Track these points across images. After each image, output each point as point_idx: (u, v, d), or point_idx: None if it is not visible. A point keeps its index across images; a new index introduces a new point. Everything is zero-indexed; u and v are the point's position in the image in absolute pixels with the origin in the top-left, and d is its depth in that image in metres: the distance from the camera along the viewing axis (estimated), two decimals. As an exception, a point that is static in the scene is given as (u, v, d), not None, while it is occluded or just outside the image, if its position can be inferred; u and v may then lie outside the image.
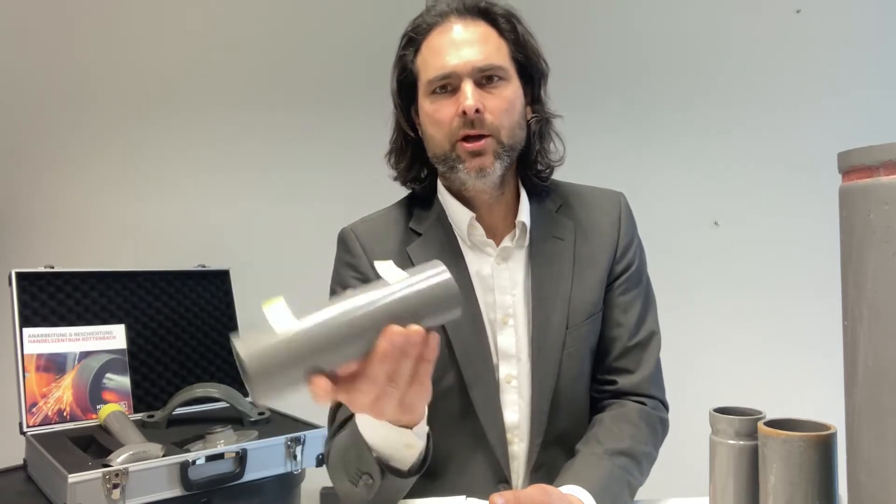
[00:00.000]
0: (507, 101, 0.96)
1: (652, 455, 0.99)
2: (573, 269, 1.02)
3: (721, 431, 0.71)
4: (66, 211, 2.01)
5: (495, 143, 0.95)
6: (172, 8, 2.06)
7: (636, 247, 1.08)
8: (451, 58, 0.94)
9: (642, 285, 1.07)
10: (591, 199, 1.09)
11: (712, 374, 1.97)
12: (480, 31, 0.97)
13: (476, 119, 0.93)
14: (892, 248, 0.49)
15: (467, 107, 0.92)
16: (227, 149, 2.10)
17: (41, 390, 1.48)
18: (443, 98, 0.96)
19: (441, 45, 0.96)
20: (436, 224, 1.03)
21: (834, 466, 0.63)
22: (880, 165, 0.51)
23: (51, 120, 2.01)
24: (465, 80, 0.94)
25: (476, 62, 0.94)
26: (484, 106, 0.93)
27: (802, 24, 2.13)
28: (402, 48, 1.02)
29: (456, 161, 0.96)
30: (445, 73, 0.94)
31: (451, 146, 0.96)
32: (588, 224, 1.05)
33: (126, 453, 1.25)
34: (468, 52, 0.94)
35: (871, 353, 0.51)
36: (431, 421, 0.99)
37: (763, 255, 2.13)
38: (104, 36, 2.02)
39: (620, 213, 1.07)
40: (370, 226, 1.07)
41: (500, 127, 0.95)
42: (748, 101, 2.15)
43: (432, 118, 0.97)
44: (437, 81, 0.95)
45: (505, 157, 0.97)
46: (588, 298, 1.02)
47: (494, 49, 0.96)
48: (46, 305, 1.55)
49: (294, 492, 1.51)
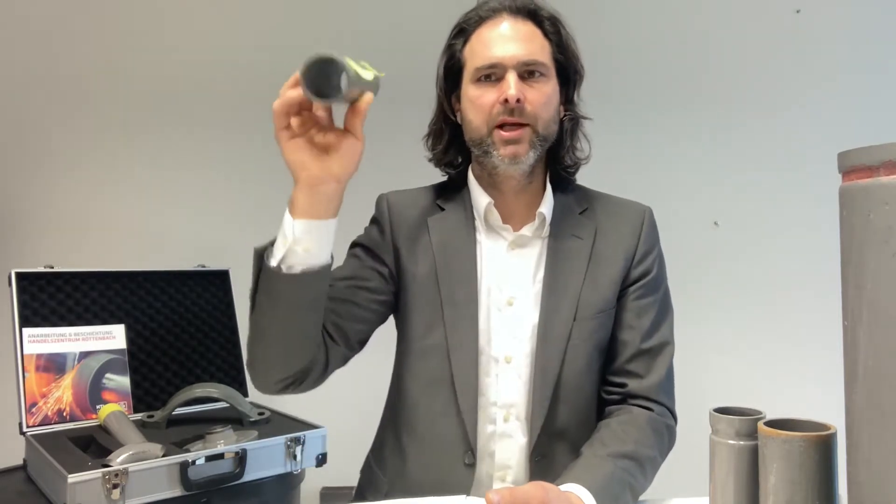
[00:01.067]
0: (545, 95, 1.02)
1: (656, 460, 1.00)
2: (587, 265, 1.06)
3: (721, 431, 0.71)
4: (66, 211, 2.01)
5: (531, 133, 1.02)
6: (172, 8, 2.06)
7: (656, 256, 1.11)
8: (498, 49, 1.01)
9: (659, 294, 1.10)
10: (617, 207, 1.14)
11: (712, 374, 1.97)
12: (527, 30, 1.04)
13: (517, 108, 0.99)
14: (892, 248, 0.49)
15: (510, 95, 0.98)
16: (227, 149, 2.10)
17: (41, 390, 1.48)
18: (487, 85, 1.02)
19: (490, 38, 1.03)
20: (459, 204, 1.12)
21: (834, 466, 0.63)
22: (880, 165, 0.51)
23: (51, 120, 2.01)
24: (510, 71, 1.00)
25: (521, 56, 1.01)
26: (525, 97, 1.00)
27: (802, 24, 2.13)
28: (453, 37, 1.09)
29: (491, 146, 1.03)
30: (492, 62, 1.01)
31: (489, 131, 1.02)
32: (609, 228, 1.10)
33: (126, 453, 1.25)
34: (515, 46, 1.01)
35: (871, 353, 0.51)
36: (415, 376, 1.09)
37: (763, 255, 2.13)
38: (104, 36, 2.02)
39: (643, 223, 1.12)
40: (401, 195, 1.17)
41: (537, 117, 1.02)
42: (748, 101, 2.15)
43: (475, 103, 1.03)
44: (484, 70, 1.02)
45: (539, 146, 1.03)
46: (598, 295, 1.06)
47: (538, 47, 1.03)
48: (46, 305, 1.55)
49: (294, 492, 1.51)
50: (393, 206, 1.14)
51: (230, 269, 1.87)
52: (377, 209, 1.17)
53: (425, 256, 1.09)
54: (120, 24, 2.03)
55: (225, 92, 2.09)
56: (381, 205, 1.16)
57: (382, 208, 1.15)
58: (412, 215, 1.13)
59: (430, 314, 1.07)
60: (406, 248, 1.10)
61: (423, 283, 1.08)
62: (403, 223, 1.12)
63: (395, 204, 1.15)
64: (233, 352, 1.79)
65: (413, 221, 1.12)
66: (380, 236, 1.13)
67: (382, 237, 1.12)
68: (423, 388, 1.07)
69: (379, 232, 1.13)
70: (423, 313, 1.07)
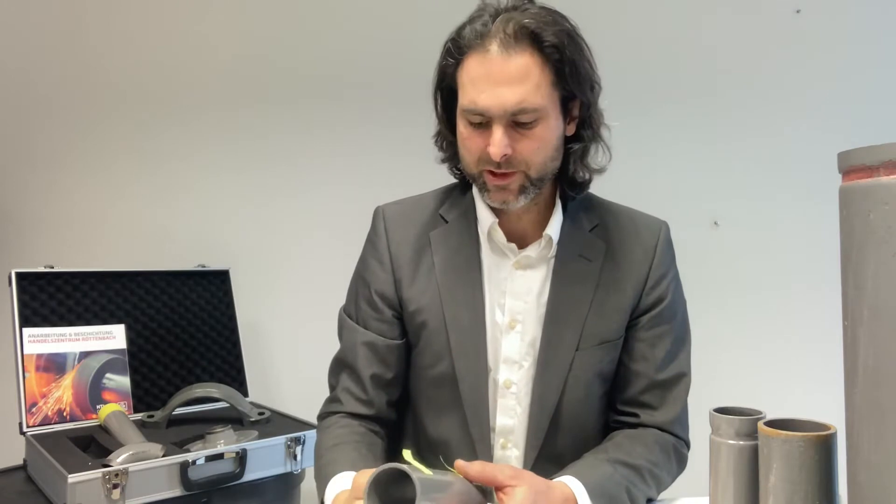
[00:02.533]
0: (539, 141, 0.92)
1: (660, 477, 0.97)
2: (594, 292, 1.00)
3: (721, 431, 0.71)
4: (66, 211, 2.01)
5: (523, 178, 0.94)
6: (173, 8, 2.05)
7: (670, 281, 1.04)
8: (485, 96, 0.89)
9: (676, 322, 1.04)
10: (629, 224, 1.06)
11: (712, 374, 1.97)
12: (520, 65, 0.89)
13: (503, 161, 0.91)
14: (892, 248, 0.49)
15: (493, 153, 0.90)
16: (228, 149, 2.09)
17: (41, 390, 1.48)
18: (475, 129, 0.93)
19: (477, 77, 0.90)
20: (463, 216, 1.04)
21: (834, 466, 0.63)
22: (880, 165, 0.51)
23: (51, 120, 2.01)
24: (496, 123, 0.90)
25: (510, 106, 0.88)
26: (514, 149, 0.91)
27: (802, 24, 2.13)
28: (444, 56, 0.97)
29: (481, 188, 0.97)
30: (477, 110, 0.90)
31: (479, 173, 0.96)
32: (620, 249, 1.03)
33: (126, 453, 1.25)
34: (503, 92, 0.88)
35: (871, 353, 0.51)
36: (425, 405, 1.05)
37: (763, 255, 2.13)
38: (104, 36, 2.02)
39: (657, 243, 1.04)
40: (399, 209, 1.08)
41: (529, 164, 0.93)
42: (748, 100, 2.15)
43: (464, 143, 0.96)
44: (469, 115, 0.92)
45: (532, 190, 0.95)
46: (604, 325, 1.00)
47: (533, 87, 0.89)
48: (46, 305, 1.55)
49: (294, 492, 1.51)
50: (390, 224, 1.06)
51: (230, 269, 1.87)
52: (373, 227, 1.08)
53: (428, 281, 1.02)
54: (120, 24, 2.03)
55: (225, 92, 2.09)
56: (378, 223, 1.08)
57: (379, 228, 1.07)
58: (412, 233, 1.05)
59: (435, 343, 1.01)
60: (407, 276, 1.03)
61: (427, 309, 1.02)
62: (403, 243, 1.05)
63: (393, 220, 1.07)
64: (233, 352, 1.79)
65: (413, 239, 1.04)
66: (380, 269, 1.05)
67: (382, 268, 1.05)
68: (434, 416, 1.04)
69: (378, 263, 1.06)
70: (428, 343, 1.02)
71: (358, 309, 1.07)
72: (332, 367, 1.09)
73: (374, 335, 1.04)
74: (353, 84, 2.11)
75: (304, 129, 2.13)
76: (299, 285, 2.07)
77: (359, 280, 1.09)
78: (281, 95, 2.11)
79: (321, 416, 1.07)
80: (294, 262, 2.10)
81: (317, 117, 2.12)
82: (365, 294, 1.06)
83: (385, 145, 2.12)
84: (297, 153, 2.12)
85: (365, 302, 1.06)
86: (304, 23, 2.12)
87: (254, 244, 2.08)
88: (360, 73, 2.11)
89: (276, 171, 2.11)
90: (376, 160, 2.12)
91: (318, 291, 2.11)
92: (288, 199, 2.10)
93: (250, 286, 1.95)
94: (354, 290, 1.10)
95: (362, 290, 1.07)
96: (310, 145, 2.13)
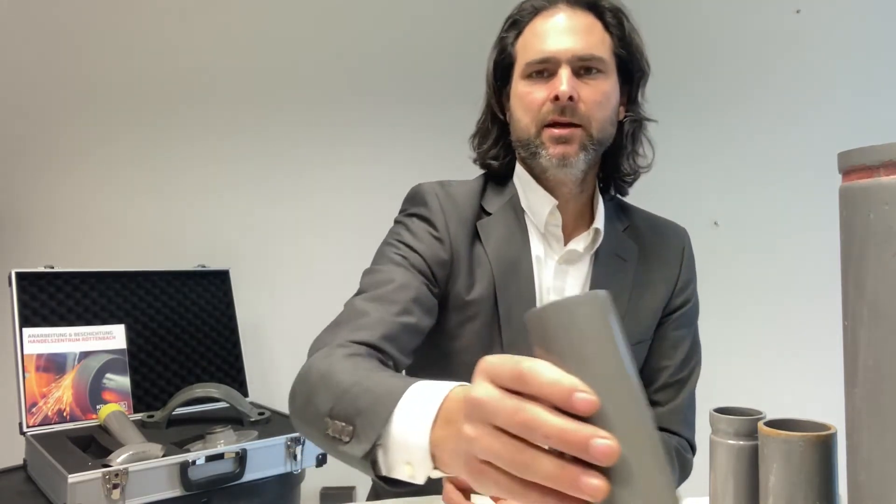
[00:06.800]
0: (602, 94, 0.93)
1: None
2: (630, 292, 1.00)
3: (721, 431, 0.71)
4: (66, 211, 2.01)
5: (583, 134, 0.92)
6: (173, 8, 2.05)
7: (694, 286, 1.07)
8: (552, 42, 0.92)
9: (694, 326, 1.06)
10: (657, 227, 1.07)
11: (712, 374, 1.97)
12: (586, 22, 0.94)
13: (568, 106, 0.90)
14: (892, 248, 0.49)
15: (561, 92, 0.89)
16: (228, 149, 2.09)
17: (41, 390, 1.48)
18: (538, 82, 0.94)
19: (544, 30, 0.94)
20: (507, 206, 1.00)
21: (834, 466, 0.63)
22: (880, 165, 0.51)
23: (51, 120, 2.01)
24: (563, 66, 0.91)
25: (577, 50, 0.92)
26: (578, 95, 0.91)
27: (802, 24, 2.13)
28: (505, 30, 1.00)
29: (539, 147, 0.93)
30: (544, 56, 0.92)
31: (538, 131, 0.93)
32: (651, 251, 1.03)
33: (126, 453, 1.25)
34: (570, 39, 0.92)
35: (871, 353, 0.51)
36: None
37: (763, 255, 2.13)
38: (104, 35, 2.02)
39: (684, 248, 1.07)
40: (449, 190, 1.00)
41: (591, 118, 0.92)
42: (748, 101, 2.15)
43: (523, 100, 0.94)
44: (535, 65, 0.93)
45: (591, 149, 0.93)
46: (638, 326, 1.01)
47: (597, 41, 0.94)
48: (46, 305, 1.55)
49: (294, 492, 1.51)
50: (446, 204, 0.97)
51: (230, 269, 1.87)
52: (425, 204, 0.98)
53: (483, 273, 0.95)
54: (121, 25, 2.03)
55: (225, 92, 2.09)
56: (432, 200, 0.97)
57: (434, 205, 0.97)
58: (462, 216, 0.97)
59: (486, 336, 0.95)
60: (464, 265, 0.95)
61: (479, 302, 0.95)
62: (460, 229, 0.96)
63: (448, 201, 0.97)
64: (233, 352, 1.79)
65: (463, 222, 0.97)
66: (439, 247, 0.94)
67: (442, 247, 0.95)
68: None
69: (429, 230, 0.96)
70: (478, 335, 0.96)
71: (393, 266, 0.92)
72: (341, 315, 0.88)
73: (418, 288, 0.90)
74: (354, 85, 2.11)
75: (305, 130, 2.13)
76: (299, 285, 2.07)
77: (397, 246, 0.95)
78: (281, 96, 2.11)
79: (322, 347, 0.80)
80: (294, 262, 2.10)
81: (317, 119, 2.12)
82: (405, 258, 0.93)
83: (385, 146, 2.12)
84: (297, 154, 2.12)
85: (407, 263, 0.92)
86: (305, 24, 2.12)
87: (254, 244, 2.08)
88: (361, 74, 2.11)
89: (277, 171, 2.11)
90: (376, 161, 2.12)
91: (318, 291, 2.11)
92: (288, 200, 2.11)
93: (250, 286, 1.95)
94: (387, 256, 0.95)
95: (400, 253, 0.93)
96: (310, 146, 2.13)
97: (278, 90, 2.12)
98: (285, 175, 2.11)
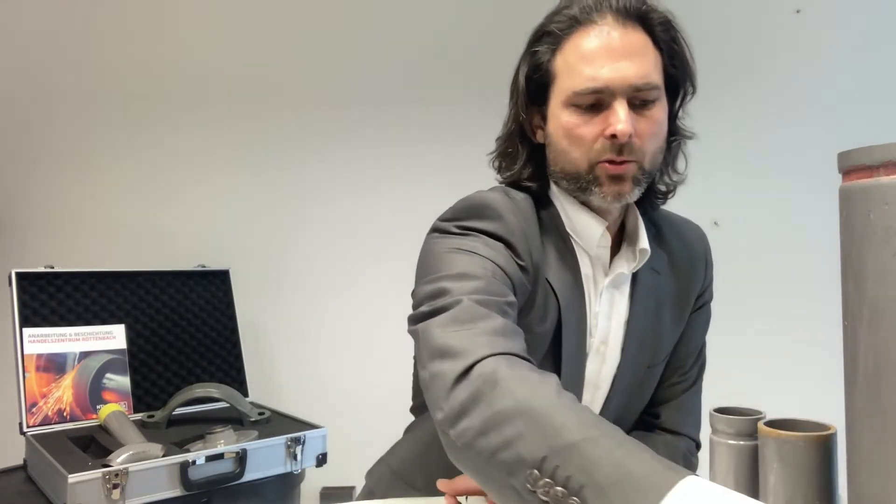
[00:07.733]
0: (657, 125, 0.85)
1: None
2: (665, 307, 0.96)
3: (721, 431, 0.71)
4: (66, 211, 2.01)
5: (636, 169, 0.84)
6: (174, 8, 2.06)
7: (712, 289, 1.05)
8: (604, 70, 0.81)
9: (707, 325, 1.05)
10: (682, 231, 1.04)
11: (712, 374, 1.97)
12: (638, 40, 0.83)
13: (626, 144, 0.81)
14: (892, 248, 0.49)
15: (619, 132, 0.80)
16: (228, 149, 2.10)
17: (41, 390, 1.48)
18: (587, 114, 0.83)
19: (593, 51, 0.82)
20: (552, 227, 0.90)
21: (834, 466, 0.63)
22: (880, 165, 0.51)
23: (51, 120, 2.01)
24: (619, 99, 0.81)
25: (633, 79, 0.81)
26: (635, 131, 0.82)
27: (802, 24, 2.13)
28: (537, 42, 0.87)
29: (591, 183, 0.85)
30: (598, 86, 0.81)
31: (590, 167, 0.84)
32: (679, 259, 1.00)
33: (126, 453, 1.25)
34: (625, 65, 0.81)
35: (871, 353, 0.51)
36: None
37: (763, 255, 2.13)
38: (105, 36, 2.02)
39: (706, 251, 1.04)
40: (519, 204, 0.88)
41: (645, 153, 0.84)
42: (748, 100, 2.15)
43: (571, 133, 0.84)
44: (586, 95, 0.82)
45: (644, 182, 0.87)
46: (669, 340, 0.99)
47: (652, 64, 0.84)
48: (46, 305, 1.55)
49: (294, 492, 1.51)
50: (526, 227, 0.86)
51: (230, 269, 1.87)
52: (501, 220, 0.85)
53: (551, 305, 0.86)
54: (120, 25, 2.03)
55: (226, 93, 2.09)
56: (508, 216, 0.85)
57: (511, 222, 0.85)
58: (538, 242, 0.87)
59: (545, 366, 0.86)
60: (540, 296, 0.86)
61: (544, 336, 0.87)
62: (539, 256, 0.86)
63: (521, 217, 0.86)
64: (233, 352, 1.79)
65: (539, 252, 0.87)
66: (523, 278, 0.83)
67: (527, 277, 0.84)
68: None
69: (520, 269, 0.83)
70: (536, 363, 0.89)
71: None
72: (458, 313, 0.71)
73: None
74: (354, 86, 2.11)
75: (305, 131, 2.13)
76: (299, 285, 2.07)
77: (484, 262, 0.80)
78: (281, 98, 2.11)
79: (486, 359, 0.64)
80: (294, 262, 2.10)
81: (317, 119, 2.12)
82: (497, 277, 0.79)
83: (385, 148, 2.12)
84: (297, 154, 2.12)
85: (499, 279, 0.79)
86: (306, 26, 2.12)
87: (254, 244, 2.08)
88: (361, 75, 2.11)
89: (276, 171, 2.11)
90: (376, 162, 2.12)
91: (318, 291, 2.12)
92: (288, 200, 2.11)
93: (250, 286, 1.95)
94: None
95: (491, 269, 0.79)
96: (310, 146, 2.13)
97: (278, 91, 2.12)
98: (285, 176, 2.11)
